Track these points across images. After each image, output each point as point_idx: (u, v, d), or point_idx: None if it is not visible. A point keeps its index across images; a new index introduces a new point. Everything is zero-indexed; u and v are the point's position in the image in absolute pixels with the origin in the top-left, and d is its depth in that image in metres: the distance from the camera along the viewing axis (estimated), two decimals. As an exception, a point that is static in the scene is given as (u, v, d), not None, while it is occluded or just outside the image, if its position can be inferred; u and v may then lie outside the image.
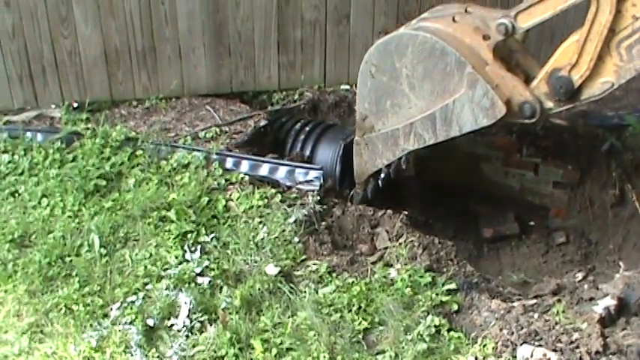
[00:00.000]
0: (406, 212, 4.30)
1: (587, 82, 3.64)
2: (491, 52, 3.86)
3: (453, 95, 3.90)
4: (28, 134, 4.94)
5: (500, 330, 3.36)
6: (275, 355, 3.38)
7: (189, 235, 4.09)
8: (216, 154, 4.71)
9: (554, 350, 3.18)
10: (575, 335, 3.24)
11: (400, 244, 4.07)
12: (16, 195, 4.50)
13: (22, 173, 4.65)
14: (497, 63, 3.85)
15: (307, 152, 5.02)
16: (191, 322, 3.59)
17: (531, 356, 3.17)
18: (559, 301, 3.58)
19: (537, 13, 3.69)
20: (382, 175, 4.48)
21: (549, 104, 3.80)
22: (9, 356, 3.49)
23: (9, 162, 4.74)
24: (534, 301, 3.67)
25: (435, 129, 4.03)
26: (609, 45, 3.52)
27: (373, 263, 4.00)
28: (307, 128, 5.16)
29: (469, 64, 3.78)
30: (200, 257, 3.95)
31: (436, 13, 4.19)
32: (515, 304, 3.62)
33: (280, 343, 3.45)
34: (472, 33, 3.91)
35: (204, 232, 4.13)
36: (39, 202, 4.40)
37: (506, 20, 3.76)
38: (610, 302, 3.49)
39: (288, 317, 3.59)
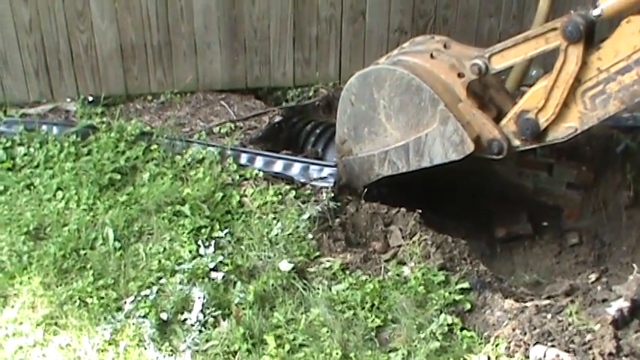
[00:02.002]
0: (420, 211, 4.30)
1: (553, 126, 3.83)
2: (464, 89, 4.04)
3: (426, 129, 4.10)
4: (44, 127, 4.98)
5: (513, 330, 3.35)
6: (288, 351, 3.39)
7: (203, 230, 4.12)
8: (231, 149, 4.72)
9: (567, 351, 3.17)
10: (588, 336, 3.22)
11: (414, 242, 4.06)
12: (32, 187, 4.54)
13: (37, 166, 4.69)
14: (470, 100, 4.03)
15: (321, 149, 5.03)
16: (204, 317, 3.60)
17: (544, 356, 3.16)
18: (572, 302, 3.56)
19: (510, 56, 3.88)
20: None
21: (516, 142, 4.00)
22: (24, 347, 3.51)
23: (25, 154, 4.78)
24: (547, 301, 3.65)
25: (408, 158, 4.22)
26: (575, 93, 3.69)
27: (386, 261, 4.00)
28: (320, 128, 5.17)
29: (442, 102, 3.98)
30: (214, 252, 3.97)
31: (416, 46, 4.39)
32: (528, 304, 3.60)
33: (293, 339, 3.46)
34: (448, 70, 4.10)
35: (218, 227, 4.15)
36: (54, 195, 4.43)
37: (479, 61, 3.93)
38: (623, 304, 3.46)
39: (302, 313, 3.59)
